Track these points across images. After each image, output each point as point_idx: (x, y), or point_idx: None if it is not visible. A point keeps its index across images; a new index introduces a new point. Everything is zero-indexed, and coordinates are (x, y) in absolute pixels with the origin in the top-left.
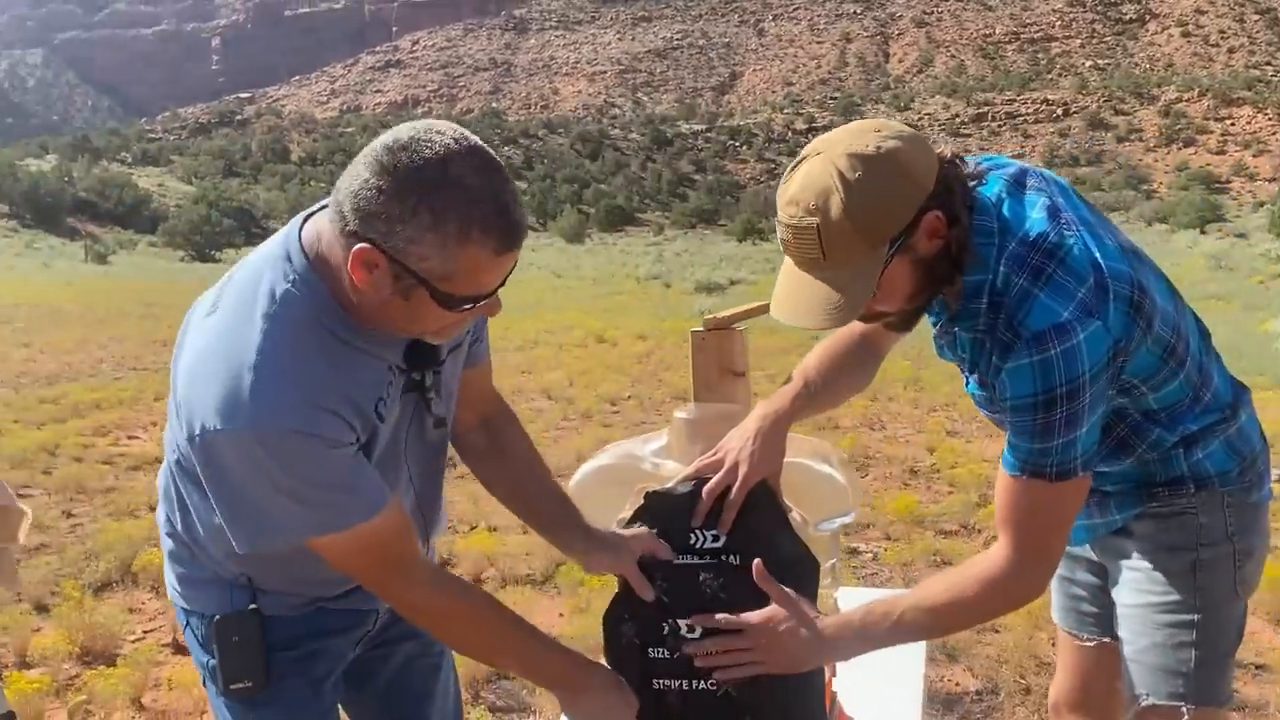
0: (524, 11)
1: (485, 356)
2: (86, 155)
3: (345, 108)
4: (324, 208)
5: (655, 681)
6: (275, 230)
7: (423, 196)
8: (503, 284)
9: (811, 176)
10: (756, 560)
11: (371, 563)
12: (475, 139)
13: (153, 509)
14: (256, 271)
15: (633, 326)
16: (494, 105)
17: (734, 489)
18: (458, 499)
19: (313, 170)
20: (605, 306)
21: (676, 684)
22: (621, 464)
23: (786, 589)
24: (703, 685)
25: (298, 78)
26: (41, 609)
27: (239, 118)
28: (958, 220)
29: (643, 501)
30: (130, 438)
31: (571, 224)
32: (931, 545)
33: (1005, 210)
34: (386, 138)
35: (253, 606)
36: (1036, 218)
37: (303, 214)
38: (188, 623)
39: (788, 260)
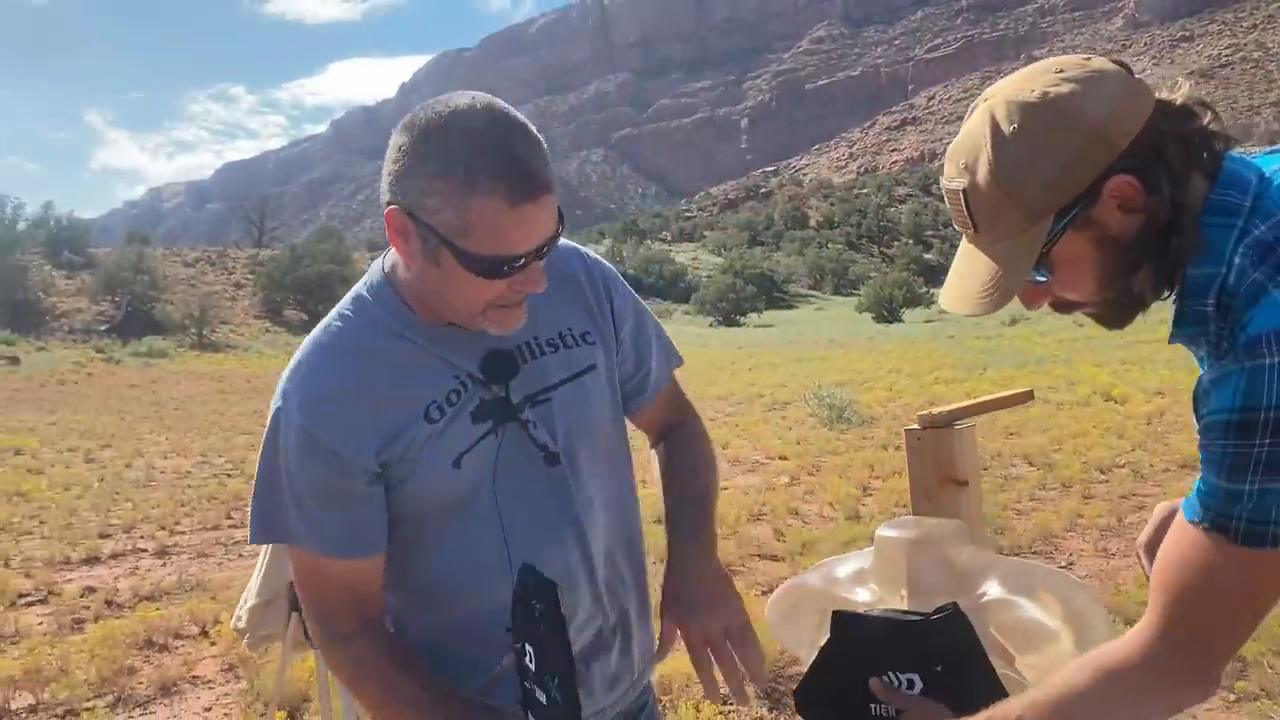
0: (1044, 51)
1: (654, 391)
2: (634, 237)
3: (862, 170)
4: None
5: None
6: (794, 294)
7: (433, 146)
8: (540, 253)
9: (969, 130)
10: None
11: (307, 592)
12: (501, 103)
13: None
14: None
15: (1149, 381)
16: None
17: None
18: None
19: (829, 233)
20: (1124, 359)
21: None
22: (819, 587)
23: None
24: None
25: (817, 146)
26: None
27: (763, 190)
28: (1158, 188)
29: (830, 629)
30: None
31: None
32: None
33: (1274, 191)
34: None
35: None
36: None
37: None
38: None
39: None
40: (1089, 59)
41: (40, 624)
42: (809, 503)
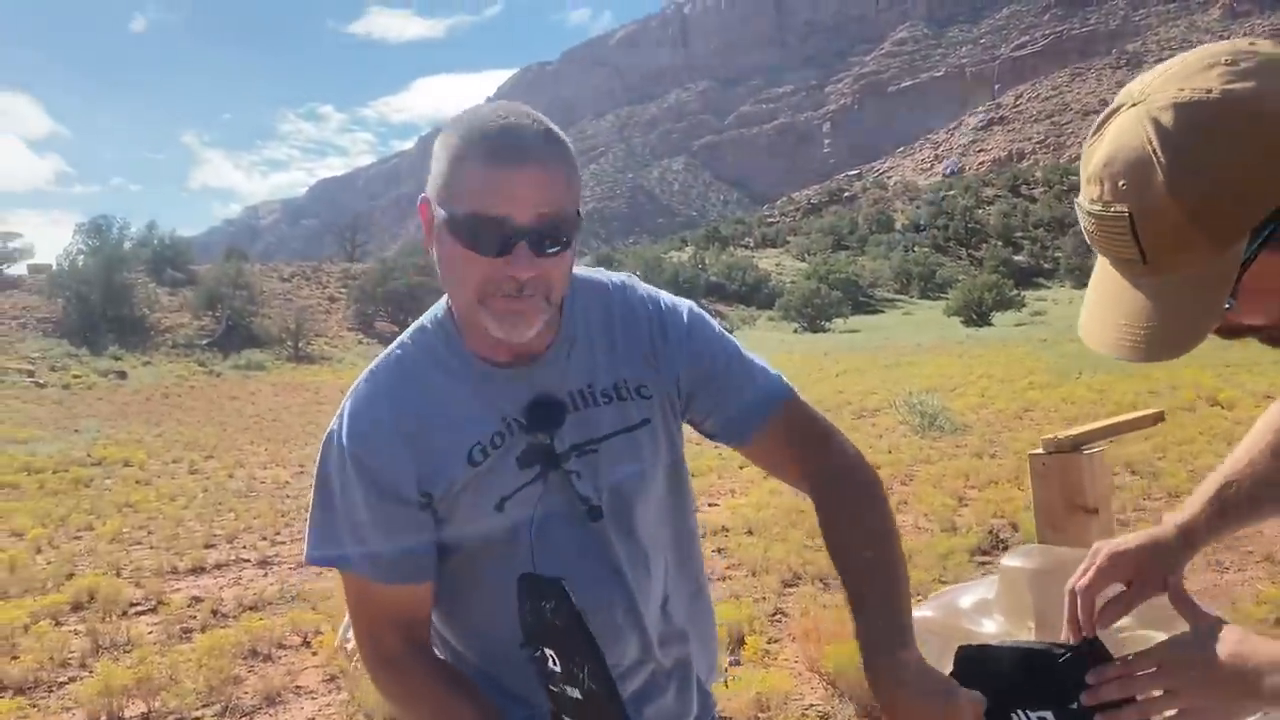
0: (1137, 45)
1: (744, 433)
2: (716, 244)
3: (948, 171)
4: None
5: None
6: (880, 298)
7: (448, 137)
8: (536, 236)
9: (1121, 141)
10: (1173, 578)
11: (356, 615)
12: (524, 107)
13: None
14: None
15: (1257, 384)
16: None
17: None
18: None
19: (915, 236)
20: (1227, 360)
21: None
22: (939, 619)
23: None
24: None
25: (902, 148)
26: None
27: (847, 194)
28: None
29: (953, 664)
30: (710, 504)
31: None
32: None
33: None
34: None
35: None
36: None
37: None
38: None
39: (1101, 258)
40: (1254, 43)
41: (150, 633)
42: (903, 513)
